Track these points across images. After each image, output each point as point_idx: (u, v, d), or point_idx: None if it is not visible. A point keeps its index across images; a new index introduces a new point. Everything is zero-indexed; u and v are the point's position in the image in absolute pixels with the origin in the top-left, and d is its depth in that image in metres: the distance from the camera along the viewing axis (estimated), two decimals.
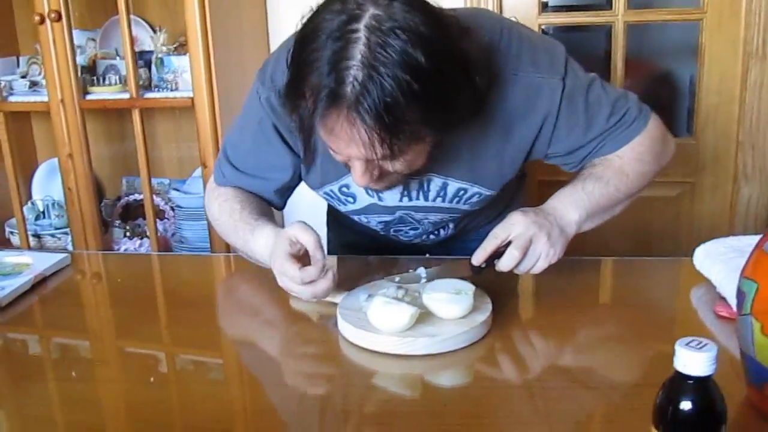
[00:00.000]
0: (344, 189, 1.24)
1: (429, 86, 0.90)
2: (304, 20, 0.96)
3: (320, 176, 1.24)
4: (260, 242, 1.17)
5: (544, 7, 2.40)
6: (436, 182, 1.20)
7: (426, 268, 1.20)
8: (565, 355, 1.03)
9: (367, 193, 1.23)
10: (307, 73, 0.93)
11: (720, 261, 1.15)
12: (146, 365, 1.06)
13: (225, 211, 1.25)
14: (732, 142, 2.36)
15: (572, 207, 1.16)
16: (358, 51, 0.89)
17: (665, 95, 2.74)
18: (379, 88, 0.88)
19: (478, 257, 1.12)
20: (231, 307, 1.30)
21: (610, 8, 2.32)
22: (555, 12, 2.49)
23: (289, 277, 1.07)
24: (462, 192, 1.22)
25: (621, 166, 1.20)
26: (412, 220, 1.30)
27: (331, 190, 1.26)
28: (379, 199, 1.23)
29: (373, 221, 1.32)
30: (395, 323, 0.99)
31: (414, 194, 1.22)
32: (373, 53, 0.88)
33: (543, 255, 1.11)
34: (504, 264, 1.10)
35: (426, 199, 1.23)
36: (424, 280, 1.16)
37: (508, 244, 1.10)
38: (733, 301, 0.97)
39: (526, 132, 1.15)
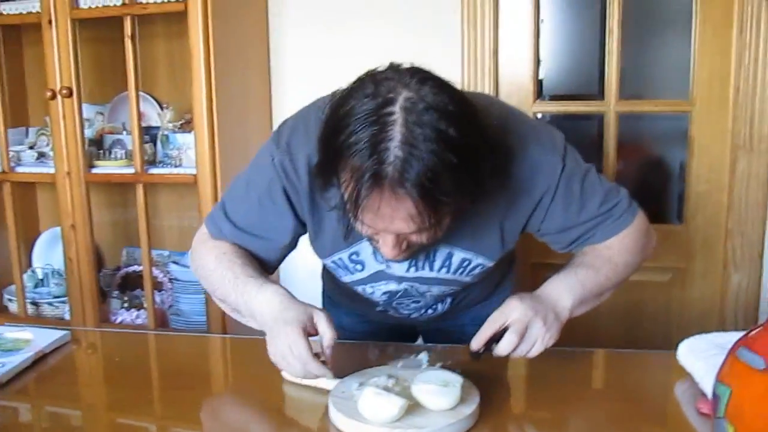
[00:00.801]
0: (354, 256, 1.27)
1: (462, 158, 0.96)
2: (335, 103, 1.01)
3: (331, 244, 1.27)
4: (264, 299, 1.17)
5: (538, 96, 2.49)
6: (442, 251, 1.24)
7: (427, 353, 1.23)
8: None
9: (376, 259, 1.26)
10: (345, 156, 0.97)
11: (702, 357, 1.18)
12: None
13: (223, 263, 1.24)
14: (721, 229, 2.40)
15: (566, 293, 1.21)
16: (398, 131, 0.94)
17: (656, 181, 2.80)
18: (421, 163, 0.93)
19: (477, 342, 1.16)
20: (225, 388, 1.32)
21: (602, 98, 2.39)
22: (550, 101, 2.58)
23: (302, 364, 1.09)
24: (466, 263, 1.26)
25: (610, 257, 1.26)
26: (417, 293, 1.33)
27: (340, 258, 1.28)
28: (387, 266, 1.26)
29: (378, 292, 1.34)
30: (384, 414, 1.02)
31: (420, 264, 1.26)
32: (412, 132, 0.94)
33: (539, 339, 1.16)
34: (502, 348, 1.14)
35: (431, 269, 1.26)
36: (425, 365, 1.19)
37: (506, 329, 1.15)
38: None
39: (525, 205, 1.21)
